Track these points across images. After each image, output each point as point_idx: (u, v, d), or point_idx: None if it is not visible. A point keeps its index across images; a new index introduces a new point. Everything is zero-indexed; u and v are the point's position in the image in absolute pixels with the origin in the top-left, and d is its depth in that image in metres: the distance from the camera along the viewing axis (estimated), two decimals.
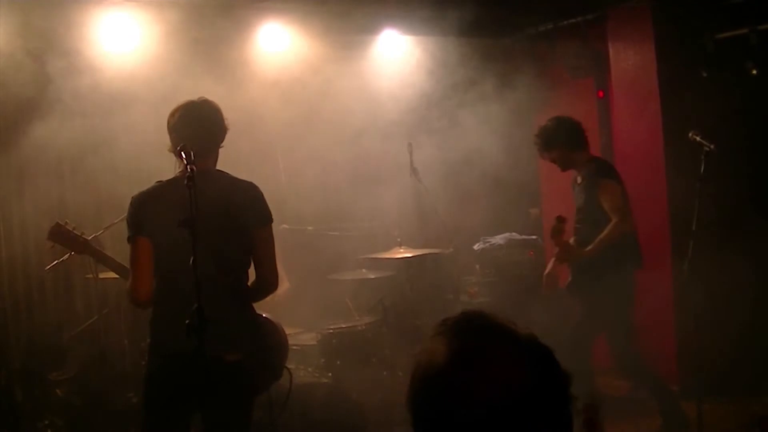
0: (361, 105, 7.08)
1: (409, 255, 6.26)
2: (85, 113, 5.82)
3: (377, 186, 7.09)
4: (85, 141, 5.80)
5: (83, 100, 5.76)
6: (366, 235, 6.97)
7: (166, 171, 3.76)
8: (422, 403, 1.44)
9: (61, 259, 5.16)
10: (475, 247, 7.77)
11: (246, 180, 3.81)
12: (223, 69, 6.34)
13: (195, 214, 3.12)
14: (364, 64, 7.66)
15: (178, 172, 3.63)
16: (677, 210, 6.24)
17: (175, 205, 3.30)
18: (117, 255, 4.25)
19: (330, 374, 5.73)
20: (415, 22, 7.17)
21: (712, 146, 4.99)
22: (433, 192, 6.51)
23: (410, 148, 6.44)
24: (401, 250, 6.31)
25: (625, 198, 5.50)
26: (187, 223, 3.11)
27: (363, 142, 6.99)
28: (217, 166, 3.82)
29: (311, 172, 6.92)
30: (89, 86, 5.80)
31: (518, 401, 1.38)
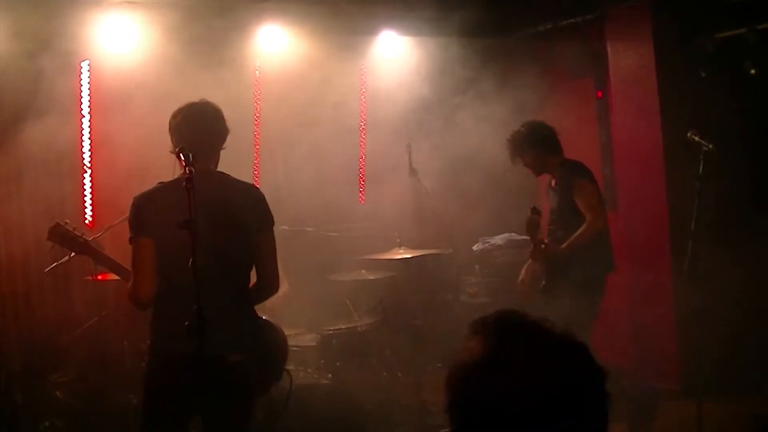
0: (359, 106, 7.08)
1: (408, 256, 6.26)
2: (84, 113, 5.82)
3: (376, 187, 7.10)
4: (84, 141, 5.80)
5: (82, 100, 5.76)
6: (365, 235, 6.97)
7: (166, 171, 3.76)
8: (461, 400, 1.46)
9: (60, 262, 5.16)
10: (475, 248, 7.77)
11: (247, 182, 3.82)
12: (222, 70, 6.33)
13: (194, 216, 3.12)
14: (363, 65, 7.66)
15: (180, 173, 3.63)
16: (676, 210, 6.25)
17: (176, 207, 3.30)
18: (117, 256, 4.25)
19: (330, 375, 5.73)
20: (414, 23, 7.17)
21: (711, 146, 4.99)
22: (433, 193, 6.50)
23: (409, 148, 6.43)
24: (400, 251, 6.30)
25: (599, 197, 5.51)
26: (185, 224, 3.11)
27: (362, 142, 6.99)
28: (217, 168, 3.83)
29: (310, 172, 6.92)
30: (88, 86, 5.80)
31: (555, 396, 1.40)
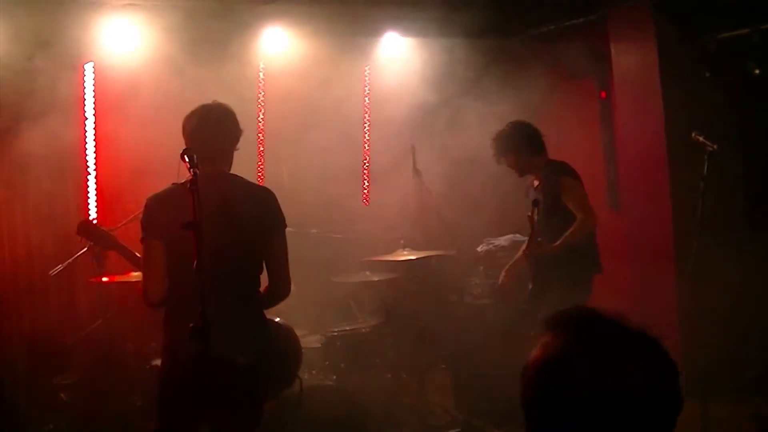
0: (363, 107, 7.07)
1: (412, 257, 6.25)
2: (87, 115, 5.83)
3: (380, 188, 7.09)
4: (88, 143, 5.81)
5: (86, 102, 5.77)
6: (369, 237, 6.97)
7: (170, 173, 3.77)
8: (539, 396, 1.49)
9: (65, 264, 5.17)
10: (479, 249, 7.76)
11: (260, 185, 3.83)
12: (225, 72, 6.34)
13: (198, 218, 3.12)
14: (367, 67, 7.67)
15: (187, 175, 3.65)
16: (680, 210, 6.24)
17: (186, 208, 3.31)
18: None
19: (334, 377, 5.73)
20: (417, 24, 7.17)
21: (714, 146, 4.98)
22: (436, 194, 6.50)
23: (413, 149, 6.43)
24: (404, 253, 6.30)
25: (586, 195, 5.45)
26: (190, 226, 3.11)
27: (366, 143, 6.99)
28: (230, 169, 3.86)
29: (314, 174, 6.92)
30: (92, 88, 5.81)
31: (631, 390, 1.44)
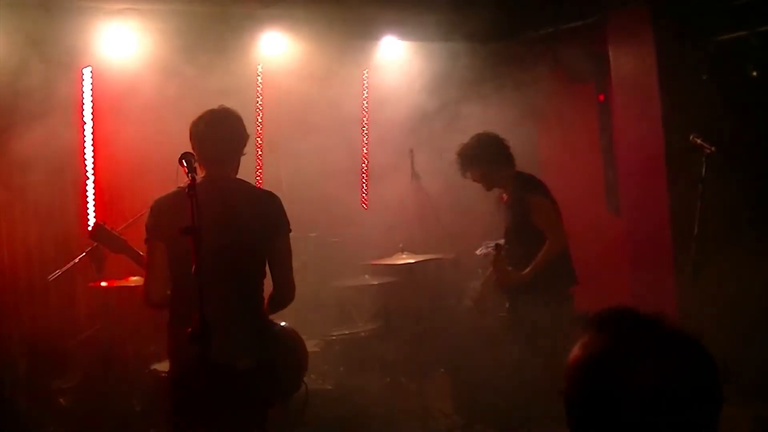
0: (362, 111, 7.07)
1: (411, 261, 6.25)
2: (86, 120, 5.83)
3: (379, 192, 7.09)
4: (86, 147, 5.81)
5: (84, 106, 5.77)
6: (368, 241, 6.96)
7: (169, 177, 3.78)
8: (581, 392, 1.53)
9: (64, 269, 5.17)
10: (478, 252, 7.76)
11: (265, 189, 3.85)
12: (224, 76, 6.34)
13: (197, 223, 3.12)
14: (366, 70, 7.67)
15: (199, 178, 3.66)
16: (679, 213, 6.24)
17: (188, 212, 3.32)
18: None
19: (333, 381, 5.73)
20: (416, 27, 7.18)
21: (713, 148, 4.99)
22: (435, 197, 6.50)
23: (412, 153, 6.44)
24: (403, 256, 6.30)
25: (557, 212, 5.30)
26: (188, 231, 3.11)
27: (365, 147, 6.98)
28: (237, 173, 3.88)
29: (313, 178, 6.91)
30: (90, 93, 5.81)
31: (671, 387, 1.47)
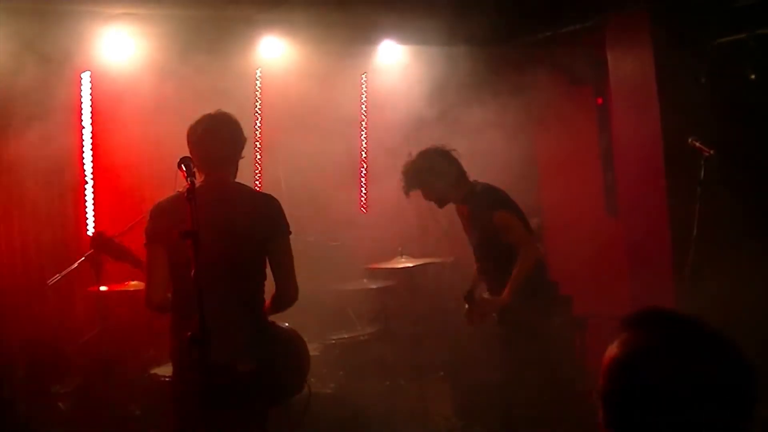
0: (360, 114, 7.08)
1: (410, 264, 6.26)
2: (84, 124, 5.84)
3: (378, 195, 7.09)
4: (85, 152, 5.82)
5: (83, 111, 5.78)
6: (367, 245, 6.97)
7: (168, 182, 3.78)
8: (619, 388, 1.58)
9: (63, 273, 5.16)
10: None
11: (264, 192, 3.87)
12: (223, 80, 6.36)
13: (195, 227, 3.13)
14: (364, 74, 7.68)
15: (198, 183, 3.67)
16: (677, 216, 6.24)
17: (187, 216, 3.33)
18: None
19: (332, 385, 5.73)
20: (414, 32, 7.18)
21: (711, 151, 4.99)
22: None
23: (410, 157, 6.43)
24: (402, 260, 6.31)
25: (524, 221, 5.07)
26: (187, 235, 3.11)
27: (363, 151, 6.99)
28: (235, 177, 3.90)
29: (312, 181, 6.92)
30: (89, 98, 5.82)
31: (708, 386, 1.52)
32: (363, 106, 7.78)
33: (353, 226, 7.22)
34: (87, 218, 6.29)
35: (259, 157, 7.07)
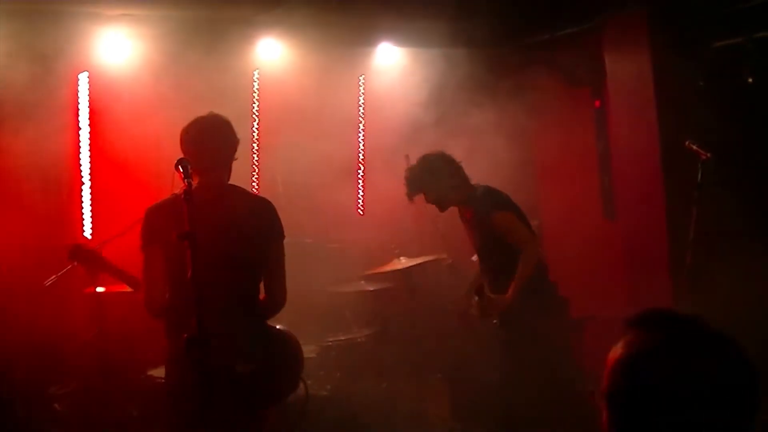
0: (358, 117, 7.08)
1: (407, 266, 6.25)
2: (82, 126, 5.83)
3: (375, 197, 7.09)
4: (82, 153, 5.81)
5: (80, 112, 5.77)
6: (364, 246, 6.96)
7: (165, 183, 3.78)
8: (623, 388, 1.58)
9: (59, 274, 5.15)
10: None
11: (258, 195, 3.86)
12: (220, 82, 6.35)
13: (192, 229, 3.13)
14: (362, 76, 7.68)
15: (193, 185, 3.67)
16: (675, 219, 6.25)
17: (183, 218, 3.32)
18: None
19: (329, 386, 5.72)
20: (412, 34, 7.19)
21: (708, 154, 5.00)
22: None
23: (408, 159, 6.43)
24: (399, 261, 6.30)
25: (525, 221, 5.13)
26: (184, 237, 3.11)
27: (361, 153, 6.99)
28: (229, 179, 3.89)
29: (309, 184, 6.92)
30: (87, 98, 5.81)
31: (710, 385, 1.53)
32: (360, 108, 7.78)
33: (350, 227, 7.22)
34: (84, 219, 6.29)
35: (256, 158, 7.07)
